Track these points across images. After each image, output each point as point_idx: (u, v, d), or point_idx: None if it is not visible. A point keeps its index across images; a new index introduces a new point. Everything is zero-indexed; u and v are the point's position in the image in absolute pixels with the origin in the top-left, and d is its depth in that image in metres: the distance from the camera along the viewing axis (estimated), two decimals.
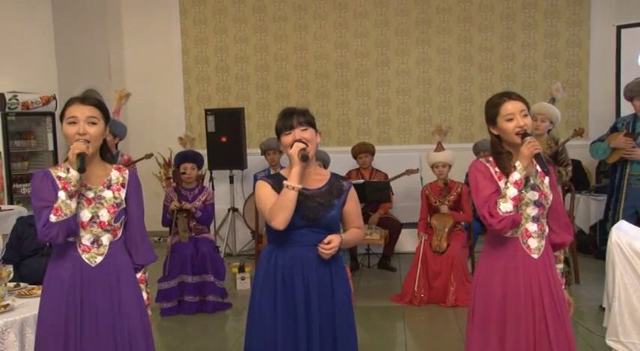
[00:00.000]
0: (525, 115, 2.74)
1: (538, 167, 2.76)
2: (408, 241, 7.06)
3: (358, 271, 6.67)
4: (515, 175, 2.67)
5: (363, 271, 6.74)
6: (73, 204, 2.50)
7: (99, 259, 2.61)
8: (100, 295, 2.61)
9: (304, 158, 2.72)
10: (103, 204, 2.61)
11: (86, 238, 2.60)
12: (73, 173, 2.49)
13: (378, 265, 6.80)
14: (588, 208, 7.01)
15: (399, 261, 6.89)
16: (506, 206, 2.65)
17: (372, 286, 6.23)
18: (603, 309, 4.43)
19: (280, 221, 2.70)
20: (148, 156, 6.12)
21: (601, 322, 4.40)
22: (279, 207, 2.71)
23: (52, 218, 2.48)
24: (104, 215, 2.61)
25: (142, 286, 2.76)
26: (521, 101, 2.77)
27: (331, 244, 2.73)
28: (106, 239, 2.63)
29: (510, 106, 2.74)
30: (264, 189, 2.82)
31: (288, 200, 2.69)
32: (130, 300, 2.66)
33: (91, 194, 2.60)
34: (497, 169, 2.78)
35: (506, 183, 2.69)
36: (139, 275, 2.74)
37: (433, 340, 4.91)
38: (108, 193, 2.63)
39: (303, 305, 2.73)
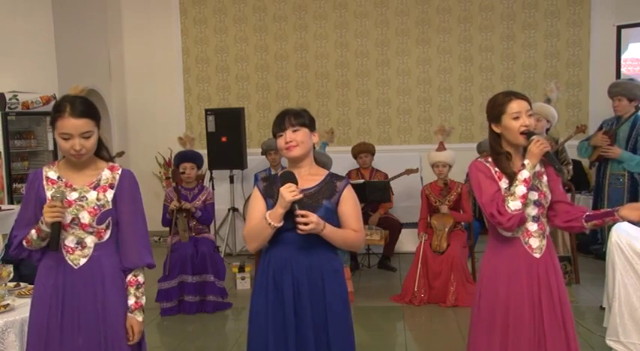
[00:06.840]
0: (530, 115, 2.78)
1: (537, 167, 2.77)
2: (408, 241, 7.05)
3: (358, 271, 6.67)
4: (525, 173, 2.69)
5: (363, 271, 6.74)
6: (43, 243, 2.53)
7: (82, 261, 2.54)
8: (83, 298, 2.54)
9: (293, 208, 2.61)
10: (83, 206, 2.52)
11: (70, 240, 2.54)
12: (46, 229, 2.47)
13: (378, 265, 6.80)
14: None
15: (399, 261, 6.89)
16: (515, 204, 2.67)
17: (372, 286, 6.23)
18: (603, 309, 4.43)
19: (252, 248, 2.81)
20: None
21: (601, 322, 4.40)
22: (254, 235, 2.74)
23: (24, 244, 2.54)
24: (85, 217, 2.52)
25: (131, 289, 2.61)
26: (526, 101, 2.80)
27: (309, 218, 2.58)
28: (90, 241, 2.55)
29: (517, 105, 2.76)
30: (253, 201, 2.82)
31: (266, 234, 2.69)
32: (115, 306, 2.57)
33: (75, 195, 2.53)
34: (496, 169, 2.79)
35: (512, 182, 2.71)
36: (128, 278, 2.61)
37: (433, 340, 4.91)
38: (92, 195, 2.54)
39: (292, 306, 2.70)
